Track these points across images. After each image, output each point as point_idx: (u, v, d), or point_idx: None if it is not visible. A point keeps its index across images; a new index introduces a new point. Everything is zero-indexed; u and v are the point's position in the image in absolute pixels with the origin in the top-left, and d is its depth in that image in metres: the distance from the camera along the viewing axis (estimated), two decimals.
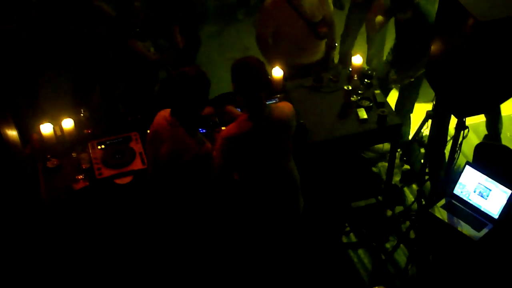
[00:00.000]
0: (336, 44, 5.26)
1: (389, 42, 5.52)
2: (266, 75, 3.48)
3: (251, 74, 3.36)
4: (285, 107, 3.60)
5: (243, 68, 3.38)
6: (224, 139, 3.46)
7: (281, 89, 4.64)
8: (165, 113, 3.48)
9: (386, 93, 5.12)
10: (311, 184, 4.04)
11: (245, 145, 3.47)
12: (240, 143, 3.46)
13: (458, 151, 4.17)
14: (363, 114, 4.45)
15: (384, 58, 5.52)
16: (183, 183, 3.48)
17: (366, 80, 4.72)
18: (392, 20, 5.03)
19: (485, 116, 5.48)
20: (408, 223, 4.64)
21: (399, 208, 4.85)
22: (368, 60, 5.84)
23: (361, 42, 5.99)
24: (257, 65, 3.40)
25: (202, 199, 3.57)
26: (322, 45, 5.07)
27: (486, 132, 5.54)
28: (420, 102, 5.58)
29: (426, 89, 5.11)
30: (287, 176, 3.68)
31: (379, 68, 5.31)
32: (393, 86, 5.32)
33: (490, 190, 4.05)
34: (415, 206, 4.61)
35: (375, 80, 4.79)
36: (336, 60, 5.80)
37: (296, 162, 3.73)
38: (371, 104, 4.54)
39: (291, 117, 3.57)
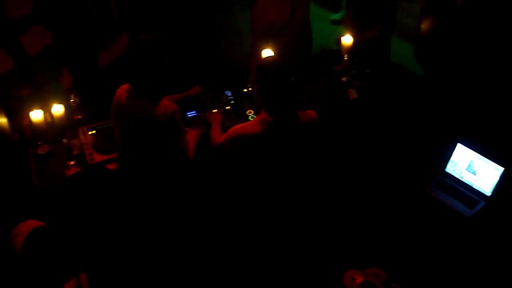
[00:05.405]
0: None
1: None
2: (292, 77, 3.28)
3: (278, 75, 3.21)
4: (311, 113, 3.42)
5: (270, 68, 3.22)
6: (236, 134, 3.32)
7: None
8: (125, 86, 3.47)
9: None
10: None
11: (259, 147, 3.30)
12: (253, 144, 3.29)
13: (449, 129, 4.18)
14: (353, 94, 4.43)
15: None
16: (155, 152, 3.47)
17: (355, 59, 4.69)
18: None
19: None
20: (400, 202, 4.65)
21: None
22: None
23: None
24: (284, 66, 3.24)
25: (177, 172, 3.55)
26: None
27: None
28: None
29: None
30: (302, 176, 3.54)
31: None
32: None
33: (482, 167, 4.06)
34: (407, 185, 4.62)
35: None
36: None
37: None
38: (361, 84, 4.52)
39: (317, 121, 3.40)
